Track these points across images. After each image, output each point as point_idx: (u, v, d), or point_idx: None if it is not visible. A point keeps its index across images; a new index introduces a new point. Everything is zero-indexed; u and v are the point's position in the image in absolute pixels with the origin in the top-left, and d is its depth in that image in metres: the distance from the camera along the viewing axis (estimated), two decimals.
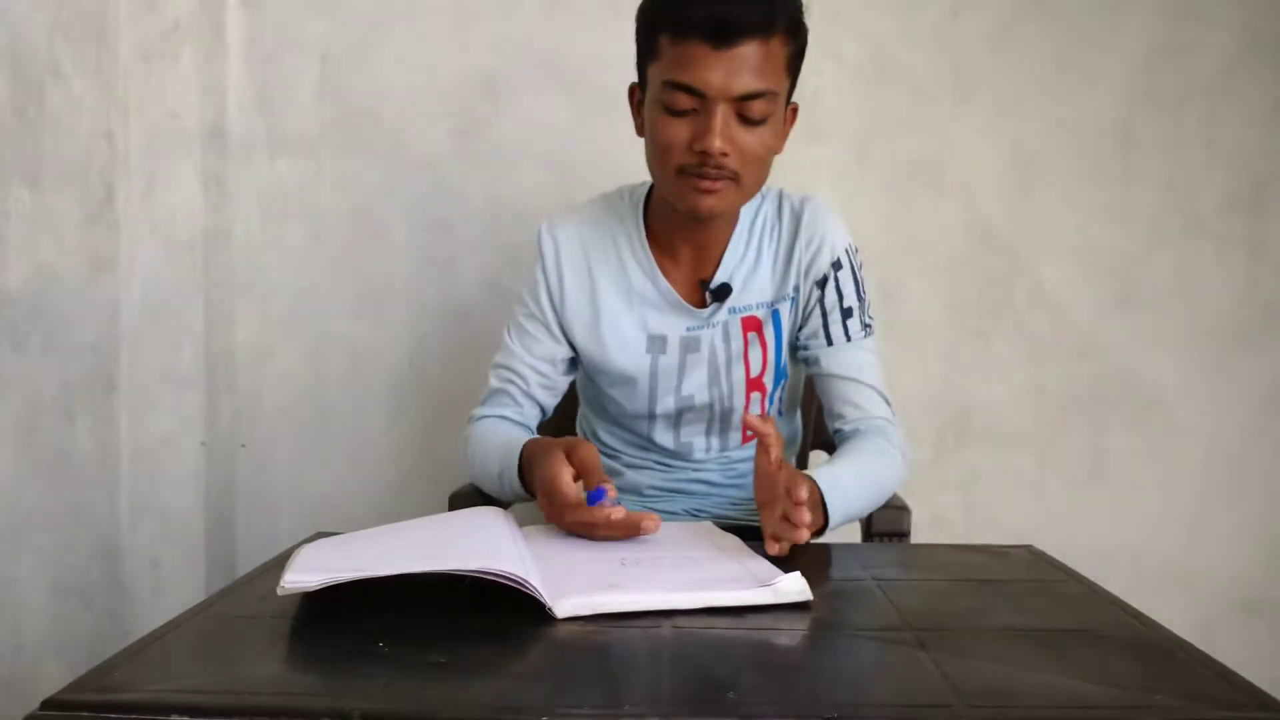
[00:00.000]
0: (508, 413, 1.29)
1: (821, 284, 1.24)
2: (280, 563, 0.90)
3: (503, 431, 1.24)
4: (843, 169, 1.88)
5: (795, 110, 1.20)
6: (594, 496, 1.00)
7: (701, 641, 0.76)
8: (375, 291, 1.91)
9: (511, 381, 1.29)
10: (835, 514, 1.06)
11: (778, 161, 1.83)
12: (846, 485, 1.08)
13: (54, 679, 1.55)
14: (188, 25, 1.81)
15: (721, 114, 1.08)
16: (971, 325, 1.90)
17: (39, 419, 1.56)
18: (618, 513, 0.98)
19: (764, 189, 1.28)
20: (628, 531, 0.99)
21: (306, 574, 0.81)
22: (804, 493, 0.93)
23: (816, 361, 1.26)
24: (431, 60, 1.87)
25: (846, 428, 1.24)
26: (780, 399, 1.33)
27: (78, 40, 1.65)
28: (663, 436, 1.32)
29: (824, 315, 1.24)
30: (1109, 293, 1.89)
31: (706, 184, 1.11)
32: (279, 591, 0.80)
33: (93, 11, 1.70)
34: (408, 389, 1.93)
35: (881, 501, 1.20)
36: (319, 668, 0.72)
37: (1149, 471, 1.91)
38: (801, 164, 1.87)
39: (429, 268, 1.90)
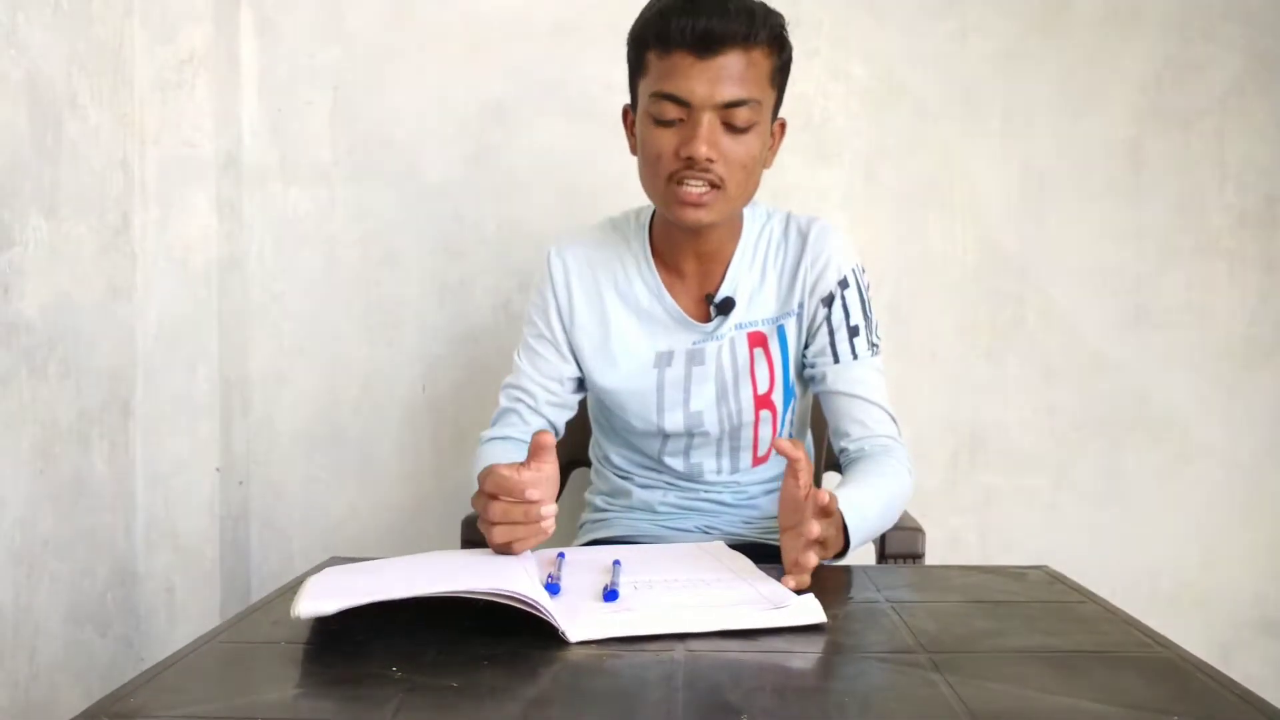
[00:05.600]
0: (515, 432, 1.30)
1: (828, 302, 1.25)
2: (293, 588, 0.90)
3: (506, 452, 1.24)
4: (852, 190, 1.89)
5: (783, 126, 1.23)
6: (551, 589, 0.92)
7: (714, 664, 0.75)
8: (388, 317, 1.92)
9: (520, 400, 1.31)
10: (855, 537, 1.06)
11: (788, 182, 1.86)
12: (865, 508, 1.08)
13: (69, 705, 1.55)
14: (203, 56, 1.84)
15: (707, 121, 1.11)
16: (983, 346, 1.90)
17: (55, 445, 1.57)
18: (534, 492, 0.94)
19: (770, 209, 1.30)
20: (526, 520, 0.96)
21: (321, 601, 0.81)
22: (817, 529, 0.93)
23: (823, 379, 1.26)
24: (442, 88, 1.89)
25: (852, 447, 1.24)
26: (791, 420, 1.33)
27: (94, 71, 1.67)
28: (673, 459, 1.32)
29: (831, 333, 1.25)
30: (1121, 312, 1.89)
31: (694, 196, 1.14)
32: (293, 615, 0.80)
33: (109, 43, 1.72)
34: (420, 413, 1.93)
35: (891, 522, 1.20)
36: (333, 692, 0.72)
37: (1165, 491, 1.90)
38: (811, 185, 1.89)
39: (441, 293, 1.91)
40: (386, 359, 1.93)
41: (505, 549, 0.97)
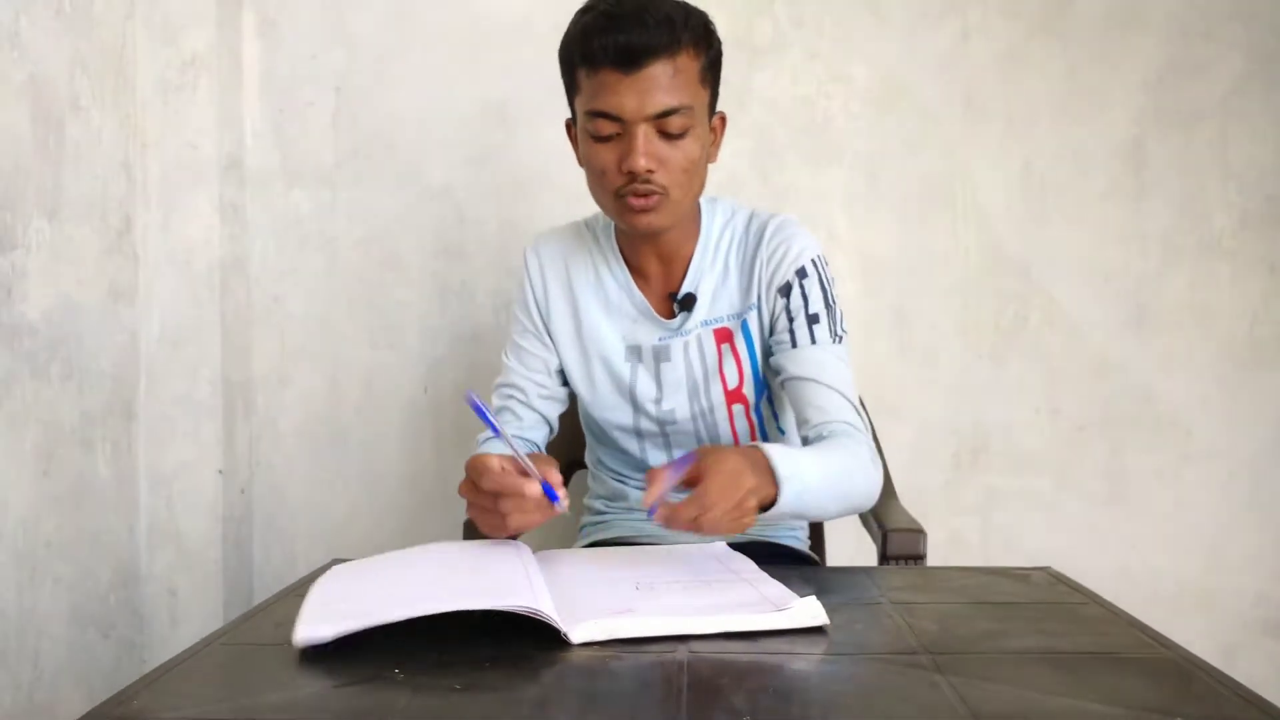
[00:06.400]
0: (510, 429, 1.31)
1: (785, 291, 1.23)
2: (296, 590, 0.90)
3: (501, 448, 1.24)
4: (854, 192, 1.89)
5: (724, 119, 1.24)
6: (548, 490, 0.99)
7: (717, 666, 0.75)
8: (390, 318, 1.92)
9: (512, 396, 1.32)
10: (787, 482, 1.00)
11: (788, 184, 1.86)
12: (800, 459, 1.04)
13: (72, 708, 1.55)
14: (205, 58, 1.84)
15: (642, 134, 1.12)
16: (986, 346, 1.90)
17: (58, 447, 1.57)
18: (532, 488, 0.98)
19: (736, 206, 1.31)
20: (539, 509, 1.00)
21: (319, 626, 0.80)
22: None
23: (782, 368, 1.24)
24: (444, 89, 1.89)
25: (811, 434, 1.19)
26: (775, 416, 1.34)
27: (97, 73, 1.68)
28: (656, 459, 1.33)
29: (790, 320, 1.23)
30: (1123, 312, 1.89)
31: (641, 202, 1.15)
32: (294, 643, 0.79)
33: (112, 45, 1.72)
34: (423, 414, 1.93)
35: (850, 499, 1.13)
36: (336, 694, 0.72)
37: (1167, 491, 1.89)
38: (812, 187, 1.89)
39: (443, 294, 1.92)
40: (388, 361, 1.93)
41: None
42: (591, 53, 1.11)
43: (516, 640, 0.80)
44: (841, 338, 1.24)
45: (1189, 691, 0.71)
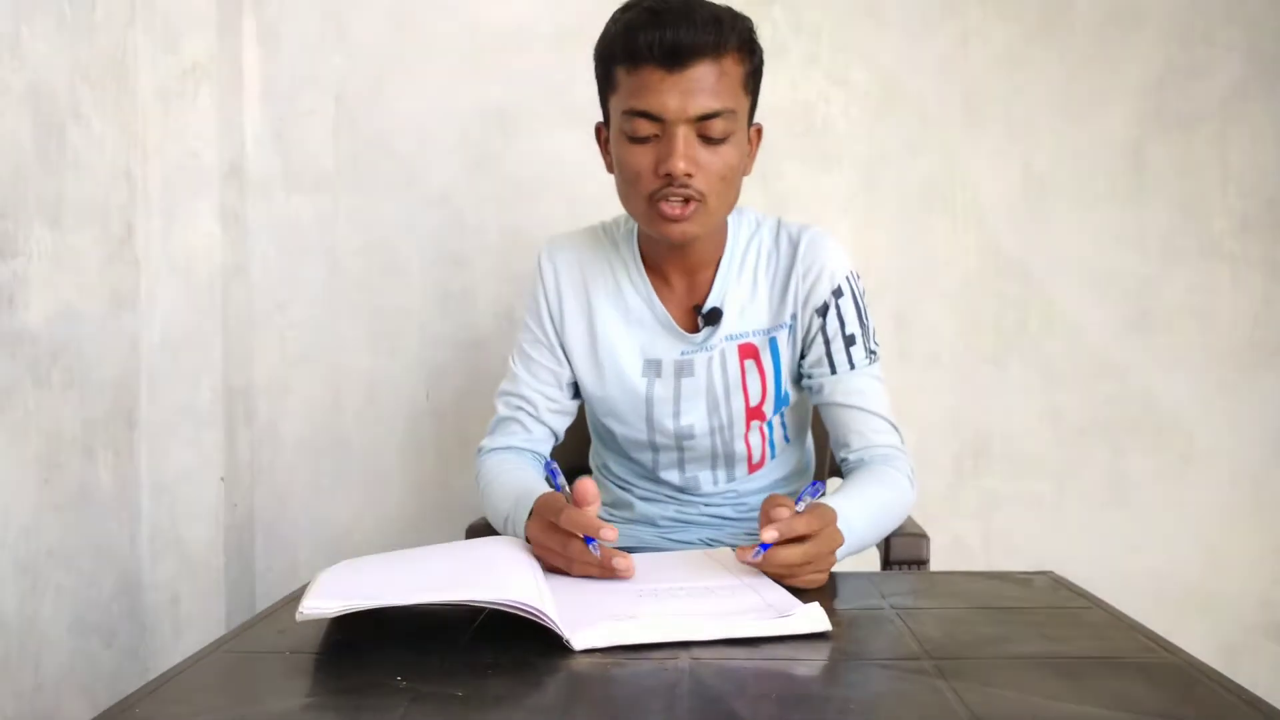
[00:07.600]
0: (517, 441, 1.29)
1: (822, 312, 1.22)
2: (298, 597, 0.90)
3: (516, 471, 1.22)
4: (853, 195, 1.89)
5: (760, 131, 1.22)
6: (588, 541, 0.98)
7: (719, 673, 0.75)
8: (391, 324, 1.92)
9: (521, 408, 1.29)
10: (839, 550, 1.03)
11: (789, 188, 1.87)
12: (853, 521, 1.05)
13: (74, 716, 1.55)
14: (206, 65, 1.84)
15: (683, 136, 1.09)
16: (986, 350, 1.90)
17: (60, 455, 1.57)
18: (609, 532, 0.97)
19: (760, 217, 1.28)
20: (602, 568, 0.98)
21: (326, 600, 0.82)
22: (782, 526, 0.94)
23: (821, 390, 1.24)
24: (444, 95, 1.89)
25: (852, 457, 1.22)
26: (784, 426, 1.33)
27: (98, 81, 1.68)
28: (668, 472, 1.32)
29: (826, 343, 1.23)
30: (1124, 315, 1.89)
31: (676, 211, 1.11)
32: (298, 617, 0.80)
33: (112, 53, 1.73)
34: (424, 420, 1.94)
35: (889, 531, 1.18)
36: (337, 702, 0.72)
37: (1169, 494, 1.89)
38: (812, 191, 1.89)
39: (444, 300, 1.92)
40: (390, 367, 1.93)
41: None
42: (635, 49, 1.07)
43: (518, 647, 0.80)
44: (875, 353, 1.25)
45: (1191, 695, 0.71)
